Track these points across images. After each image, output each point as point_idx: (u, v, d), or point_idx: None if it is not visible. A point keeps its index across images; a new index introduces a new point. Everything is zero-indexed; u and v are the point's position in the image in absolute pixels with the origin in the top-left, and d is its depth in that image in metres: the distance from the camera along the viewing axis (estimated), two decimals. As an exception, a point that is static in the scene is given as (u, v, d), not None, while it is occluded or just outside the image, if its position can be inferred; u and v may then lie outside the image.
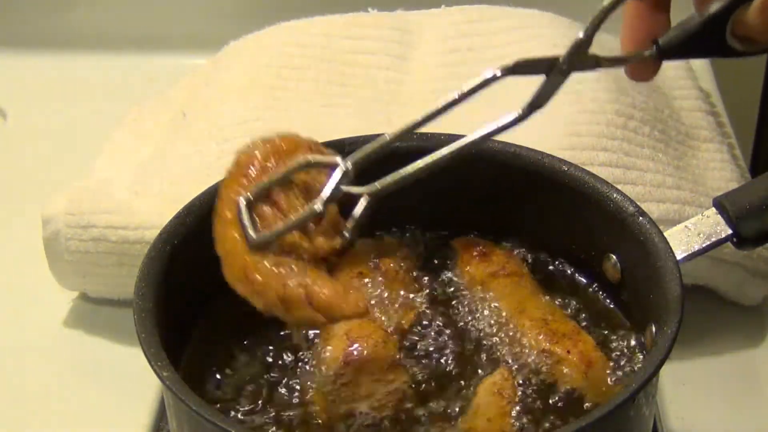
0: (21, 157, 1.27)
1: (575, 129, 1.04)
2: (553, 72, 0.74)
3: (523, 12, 1.19)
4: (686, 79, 1.20)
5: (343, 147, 0.90)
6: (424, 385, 0.80)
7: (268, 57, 1.16)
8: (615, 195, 0.84)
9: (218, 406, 0.80)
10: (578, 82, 1.10)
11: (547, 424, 0.77)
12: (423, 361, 0.82)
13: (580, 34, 0.73)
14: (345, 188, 0.78)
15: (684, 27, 0.74)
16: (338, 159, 0.80)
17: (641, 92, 1.12)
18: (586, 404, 0.79)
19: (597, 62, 0.74)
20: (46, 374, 1.01)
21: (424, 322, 0.85)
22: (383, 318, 0.83)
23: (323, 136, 0.92)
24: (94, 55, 1.40)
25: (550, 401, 0.79)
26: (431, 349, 0.83)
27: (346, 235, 0.79)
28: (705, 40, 0.73)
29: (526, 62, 0.73)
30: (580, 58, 0.74)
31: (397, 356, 0.80)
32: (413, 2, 1.23)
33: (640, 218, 0.82)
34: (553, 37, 1.15)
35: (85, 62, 1.39)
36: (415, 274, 0.88)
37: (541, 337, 0.81)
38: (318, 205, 0.78)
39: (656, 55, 0.75)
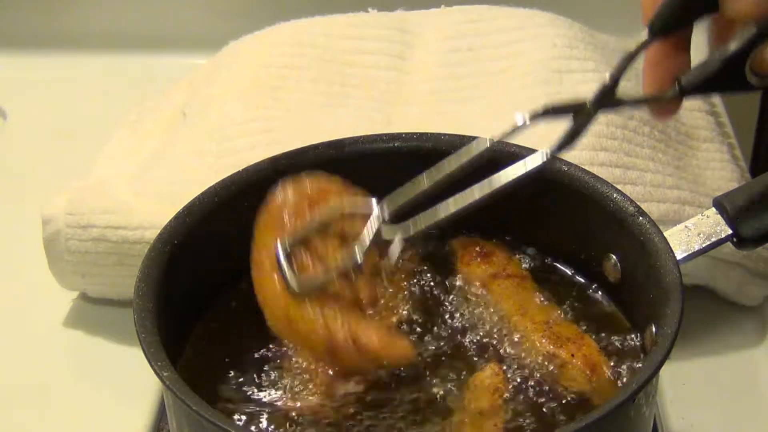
0: (21, 157, 1.27)
1: (575, 129, 1.04)
2: (579, 114, 0.75)
3: (523, 12, 1.19)
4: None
5: (343, 147, 0.90)
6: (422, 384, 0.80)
7: (268, 57, 1.16)
8: (615, 195, 0.84)
9: (218, 405, 0.80)
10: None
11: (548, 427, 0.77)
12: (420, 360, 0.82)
13: (607, 78, 0.75)
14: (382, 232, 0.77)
15: (705, 67, 0.75)
16: (373, 204, 0.78)
17: (642, 92, 1.12)
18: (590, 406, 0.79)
19: (621, 103, 0.76)
20: (46, 374, 1.01)
21: (423, 322, 0.85)
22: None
23: (323, 136, 0.92)
24: (94, 55, 1.40)
25: (553, 404, 0.79)
26: (429, 349, 0.83)
27: (385, 282, 0.79)
28: (725, 78, 0.75)
29: (554, 107, 0.74)
30: (605, 100, 0.75)
31: None
32: (413, 2, 1.23)
33: (640, 218, 0.82)
34: (553, 37, 1.15)
35: (85, 62, 1.39)
36: (412, 274, 0.88)
37: (544, 340, 0.81)
38: (358, 255, 0.77)
39: (678, 95, 0.76)
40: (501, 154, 0.89)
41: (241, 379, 0.82)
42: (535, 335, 0.82)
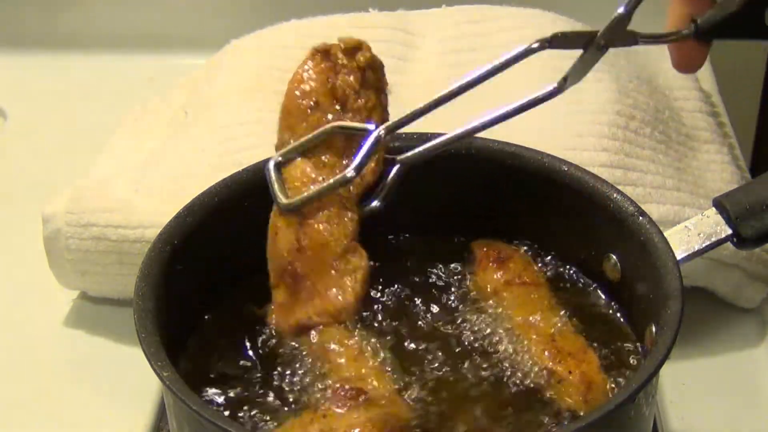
0: (21, 157, 1.27)
1: (576, 129, 1.04)
2: (590, 47, 0.74)
3: (524, 11, 1.19)
4: (687, 80, 1.20)
5: (343, 147, 0.90)
6: (421, 389, 0.80)
7: (270, 58, 1.16)
8: (615, 195, 0.84)
9: (218, 405, 0.80)
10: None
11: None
12: (424, 366, 0.82)
13: (621, 9, 0.73)
14: (379, 155, 0.81)
15: (723, 7, 0.73)
16: (371, 125, 0.80)
17: (642, 93, 1.12)
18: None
19: (635, 38, 0.74)
20: (46, 374, 1.01)
21: (429, 325, 0.85)
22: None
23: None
24: (94, 55, 1.40)
25: (543, 417, 0.78)
26: (433, 355, 0.83)
27: (377, 204, 0.82)
28: (743, 22, 0.73)
29: (564, 36, 0.73)
30: (618, 33, 0.74)
31: None
32: (414, 2, 1.23)
33: (640, 218, 0.82)
34: (554, 37, 1.15)
35: (85, 62, 1.39)
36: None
37: (545, 353, 0.80)
38: (350, 172, 0.79)
39: (694, 34, 0.73)
40: (501, 154, 0.89)
41: (241, 379, 0.82)
42: (537, 347, 0.81)
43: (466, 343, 0.83)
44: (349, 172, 0.79)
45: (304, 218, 0.80)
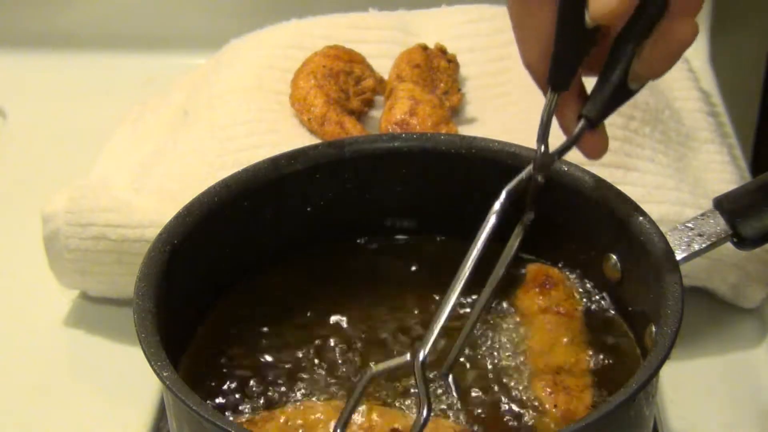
0: (21, 157, 1.27)
1: (576, 129, 1.04)
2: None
3: (523, 12, 1.19)
4: (687, 80, 1.20)
5: (343, 147, 0.90)
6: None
7: (271, 58, 1.16)
8: (615, 195, 0.84)
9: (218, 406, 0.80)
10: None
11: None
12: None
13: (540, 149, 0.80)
14: None
15: (601, 95, 0.78)
16: None
17: (642, 93, 1.11)
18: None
19: (559, 156, 0.79)
20: (46, 374, 1.01)
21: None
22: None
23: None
24: (94, 55, 1.40)
25: None
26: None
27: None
28: (617, 96, 0.79)
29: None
30: (544, 168, 0.80)
31: None
32: (414, 2, 1.23)
33: (640, 218, 0.82)
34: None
35: (85, 62, 1.39)
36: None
37: (542, 383, 0.80)
38: None
39: (588, 127, 0.78)
40: (501, 154, 0.89)
41: (241, 380, 0.82)
42: (537, 377, 0.80)
43: (471, 356, 0.83)
44: None
45: None
